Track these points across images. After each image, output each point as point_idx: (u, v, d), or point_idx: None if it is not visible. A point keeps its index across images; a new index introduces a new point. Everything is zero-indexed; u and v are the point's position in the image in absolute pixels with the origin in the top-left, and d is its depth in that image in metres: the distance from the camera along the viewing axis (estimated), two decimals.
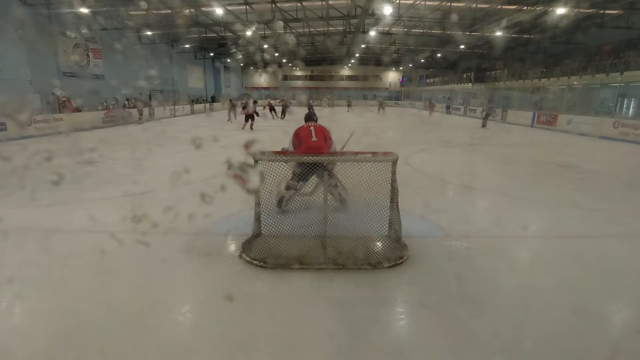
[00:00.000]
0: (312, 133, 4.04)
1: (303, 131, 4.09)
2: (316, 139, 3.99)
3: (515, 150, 10.37)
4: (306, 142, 3.97)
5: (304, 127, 4.17)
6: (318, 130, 4.09)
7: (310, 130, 4.07)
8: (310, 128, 4.10)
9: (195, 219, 3.81)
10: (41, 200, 4.68)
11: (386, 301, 2.64)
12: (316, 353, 2.11)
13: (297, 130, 4.16)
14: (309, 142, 3.96)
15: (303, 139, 4.01)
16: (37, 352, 2.09)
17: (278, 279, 2.87)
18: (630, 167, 8.25)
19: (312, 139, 3.99)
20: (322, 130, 4.12)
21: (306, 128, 4.12)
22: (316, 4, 17.06)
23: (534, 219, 4.53)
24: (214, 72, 35.93)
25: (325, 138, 4.07)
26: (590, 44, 18.31)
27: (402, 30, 21.16)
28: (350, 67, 40.25)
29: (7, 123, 10.86)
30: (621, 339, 2.33)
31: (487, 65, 28.22)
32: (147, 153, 8.55)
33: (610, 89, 16.03)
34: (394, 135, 14.19)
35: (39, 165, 7.09)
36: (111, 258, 3.16)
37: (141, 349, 2.12)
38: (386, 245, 3.34)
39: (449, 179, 6.59)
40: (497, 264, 3.21)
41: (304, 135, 4.04)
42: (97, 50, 19.07)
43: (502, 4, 15.17)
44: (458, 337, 2.22)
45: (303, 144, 3.96)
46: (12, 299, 2.61)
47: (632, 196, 5.52)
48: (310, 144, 3.94)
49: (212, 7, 15.94)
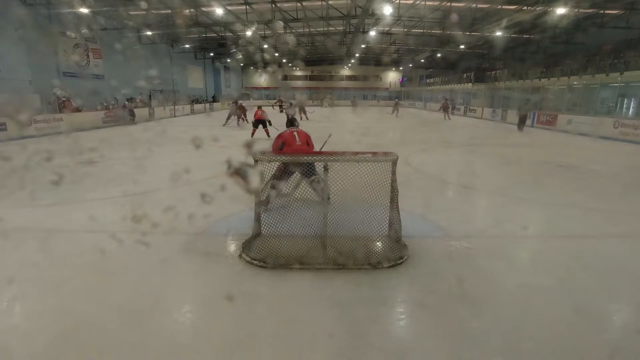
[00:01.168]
0: (296, 137, 4.40)
1: (287, 136, 4.43)
2: (300, 143, 4.36)
3: (515, 150, 10.37)
4: (291, 146, 4.30)
5: (287, 132, 4.50)
6: (301, 134, 4.45)
7: (294, 135, 4.42)
8: (294, 133, 4.45)
9: (195, 219, 3.81)
10: (41, 200, 4.68)
11: (386, 301, 2.64)
12: (316, 353, 2.11)
13: (280, 134, 4.51)
14: (295, 146, 4.31)
15: (288, 142, 4.34)
16: (37, 352, 2.09)
17: (278, 279, 2.88)
18: (630, 167, 8.25)
19: (296, 142, 4.35)
20: (304, 134, 4.49)
21: (290, 133, 4.46)
22: (316, 4, 17.05)
23: (534, 219, 4.53)
24: (214, 72, 35.93)
25: (308, 142, 4.46)
26: (590, 44, 18.30)
27: (402, 30, 21.15)
28: (350, 67, 40.22)
29: (7, 123, 10.85)
30: (621, 339, 2.33)
31: (487, 65, 28.20)
32: (147, 153, 8.55)
33: (610, 89, 16.03)
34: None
35: (39, 165, 7.09)
36: (111, 258, 3.16)
37: (141, 349, 2.12)
38: (386, 245, 3.34)
39: (448, 178, 6.60)
40: (497, 264, 3.21)
41: (288, 139, 4.38)
42: (97, 50, 19.06)
43: (502, 4, 15.16)
44: (458, 337, 2.22)
45: (288, 146, 4.29)
46: (12, 299, 2.61)
47: (632, 196, 5.52)
48: (296, 147, 4.30)
49: (212, 7, 15.93)
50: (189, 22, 18.90)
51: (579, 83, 17.15)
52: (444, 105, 22.43)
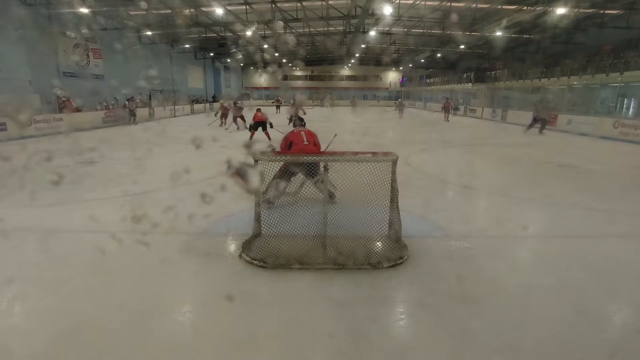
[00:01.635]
0: (304, 137, 4.41)
1: (295, 135, 4.44)
2: (307, 142, 4.38)
3: (515, 150, 10.37)
4: (298, 145, 4.32)
5: (294, 131, 4.53)
6: (308, 134, 4.47)
7: (301, 134, 4.45)
8: (301, 132, 4.47)
9: (195, 219, 3.81)
10: (41, 200, 4.68)
11: (386, 301, 2.64)
12: (316, 353, 2.11)
13: (288, 134, 4.52)
14: (301, 145, 4.33)
15: (295, 142, 4.36)
16: (37, 352, 2.09)
17: (278, 279, 2.87)
18: (630, 167, 8.25)
19: (303, 142, 4.37)
20: (311, 134, 4.51)
21: (297, 133, 4.47)
22: (316, 4, 17.04)
23: (534, 219, 4.53)
24: (214, 72, 35.92)
25: (315, 142, 4.48)
26: (590, 44, 18.30)
27: (402, 30, 21.14)
28: (350, 67, 40.20)
29: (7, 123, 10.85)
30: (621, 339, 2.33)
31: (487, 65, 28.19)
32: (147, 153, 8.55)
33: (610, 89, 16.03)
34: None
35: (39, 165, 7.09)
36: (111, 258, 3.16)
37: (141, 349, 2.12)
38: (386, 245, 3.34)
39: (449, 178, 6.60)
40: (497, 264, 3.21)
41: (295, 139, 4.40)
42: (97, 50, 19.06)
43: (502, 4, 15.16)
44: (458, 337, 2.22)
45: (295, 146, 4.31)
46: (12, 299, 2.61)
47: (632, 196, 5.52)
48: (303, 147, 4.31)
49: (212, 7, 15.93)
50: (189, 22, 18.90)
51: (579, 83, 17.15)
52: (445, 105, 21.18)
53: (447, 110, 20.79)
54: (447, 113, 20.75)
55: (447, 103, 21.27)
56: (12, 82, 13.50)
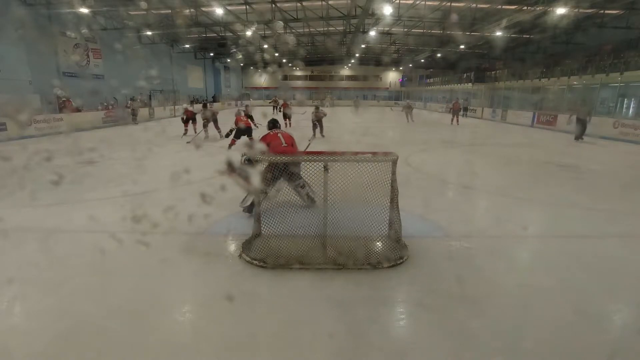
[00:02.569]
0: (282, 139, 4.28)
1: (272, 137, 4.30)
2: (286, 145, 4.25)
3: (515, 150, 10.37)
4: (277, 148, 4.18)
5: (270, 134, 4.38)
6: (286, 136, 4.35)
7: (278, 136, 4.31)
8: (279, 134, 4.34)
9: (195, 219, 3.81)
10: (41, 200, 4.68)
11: (386, 301, 2.64)
12: (316, 353, 2.11)
13: (264, 136, 4.38)
14: (280, 148, 4.19)
15: (273, 144, 4.22)
16: (37, 352, 2.09)
17: (278, 279, 2.87)
18: (630, 167, 8.25)
19: (282, 144, 4.24)
20: (289, 136, 4.39)
21: (274, 135, 4.34)
22: (316, 4, 17.04)
23: (534, 219, 4.53)
24: (214, 72, 35.92)
25: (292, 143, 4.36)
26: (590, 44, 18.31)
27: (402, 30, 21.14)
28: (350, 67, 40.20)
29: (7, 123, 10.85)
30: (621, 339, 2.33)
31: (487, 65, 28.20)
32: (147, 153, 8.55)
33: (610, 89, 16.03)
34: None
35: (39, 165, 7.09)
36: (111, 258, 3.16)
37: (141, 349, 2.12)
38: (386, 245, 3.34)
39: (449, 178, 6.59)
40: (497, 264, 3.21)
41: (273, 141, 4.26)
42: (97, 50, 19.06)
43: (502, 4, 15.16)
44: (458, 337, 2.22)
45: (273, 149, 4.16)
46: (12, 299, 2.61)
47: (632, 196, 5.52)
48: (282, 149, 4.18)
49: (212, 7, 15.93)
50: (189, 22, 18.90)
51: (579, 83, 17.15)
52: (455, 106, 18.20)
53: (457, 112, 17.83)
54: (456, 115, 17.69)
55: (457, 104, 18.44)
56: (12, 82, 13.50)
